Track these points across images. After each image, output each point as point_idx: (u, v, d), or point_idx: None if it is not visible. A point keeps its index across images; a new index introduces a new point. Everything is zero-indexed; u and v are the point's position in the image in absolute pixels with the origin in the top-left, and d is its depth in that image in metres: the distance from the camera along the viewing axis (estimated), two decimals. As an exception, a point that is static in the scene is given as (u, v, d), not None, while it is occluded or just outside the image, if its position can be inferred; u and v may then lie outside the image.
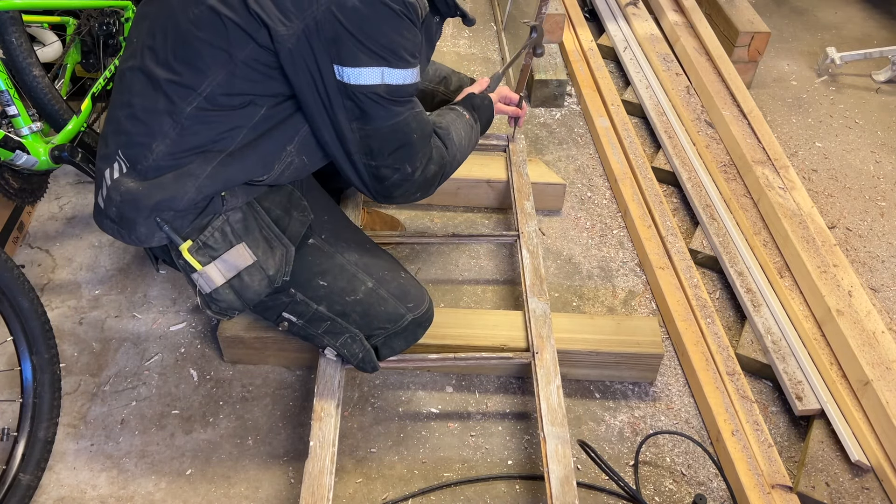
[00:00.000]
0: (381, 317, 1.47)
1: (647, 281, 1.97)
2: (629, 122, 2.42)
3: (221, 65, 1.22)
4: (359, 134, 1.30)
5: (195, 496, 1.47)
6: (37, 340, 1.41)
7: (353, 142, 1.31)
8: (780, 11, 3.32)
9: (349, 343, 1.48)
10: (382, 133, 1.30)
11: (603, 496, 1.50)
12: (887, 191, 2.33)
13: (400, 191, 1.39)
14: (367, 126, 1.29)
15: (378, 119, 1.29)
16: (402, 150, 1.33)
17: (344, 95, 1.25)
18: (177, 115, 1.25)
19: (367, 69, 1.22)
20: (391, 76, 1.24)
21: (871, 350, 1.61)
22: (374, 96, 1.25)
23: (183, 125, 1.25)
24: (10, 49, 1.68)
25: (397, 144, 1.32)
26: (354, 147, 1.32)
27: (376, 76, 1.23)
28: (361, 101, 1.25)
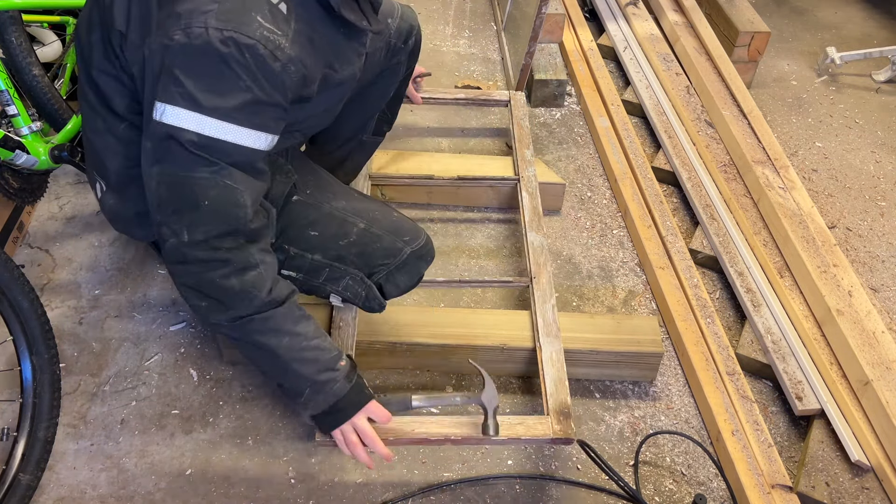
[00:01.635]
0: (379, 253, 1.45)
1: (647, 281, 1.97)
2: (629, 122, 2.41)
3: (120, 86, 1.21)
4: (151, 176, 1.16)
5: (195, 496, 1.47)
6: (37, 340, 1.41)
7: (148, 186, 1.18)
8: (780, 11, 3.32)
9: (351, 285, 1.46)
10: (169, 180, 1.15)
11: (603, 496, 1.50)
12: (887, 191, 2.32)
13: (176, 267, 1.21)
14: (156, 167, 1.15)
15: (169, 163, 1.14)
16: (185, 212, 1.15)
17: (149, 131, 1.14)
18: (115, 131, 1.26)
19: (177, 108, 1.09)
20: (206, 125, 1.10)
21: (871, 350, 1.61)
22: (175, 139, 1.11)
23: (123, 142, 1.27)
24: (9, 48, 1.68)
25: (180, 201, 1.15)
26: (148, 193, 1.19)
27: (187, 119, 1.09)
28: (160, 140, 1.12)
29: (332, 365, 1.29)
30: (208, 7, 1.06)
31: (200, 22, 1.05)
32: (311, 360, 1.27)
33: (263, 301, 1.21)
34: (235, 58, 1.06)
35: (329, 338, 1.33)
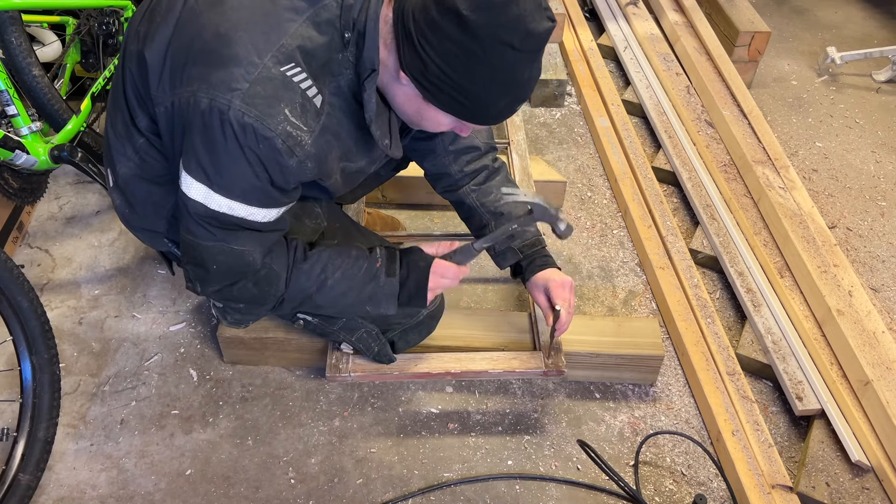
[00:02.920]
0: (397, 313, 1.45)
1: (648, 281, 1.97)
2: (629, 122, 2.41)
3: (143, 105, 1.21)
4: (179, 219, 1.22)
5: (195, 496, 1.47)
6: (36, 340, 1.41)
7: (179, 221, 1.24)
8: (780, 11, 3.31)
9: (365, 338, 1.49)
10: (186, 238, 1.20)
11: (603, 496, 1.50)
12: (887, 190, 2.32)
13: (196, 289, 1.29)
14: (182, 216, 1.19)
15: (187, 222, 1.17)
16: (199, 269, 1.23)
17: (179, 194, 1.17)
18: (132, 140, 1.25)
19: (190, 178, 1.12)
20: (214, 201, 1.12)
21: (871, 350, 1.61)
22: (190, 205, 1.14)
23: (138, 152, 1.26)
24: (9, 49, 1.68)
25: (195, 259, 1.21)
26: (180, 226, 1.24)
27: (197, 191, 1.12)
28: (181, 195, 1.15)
29: (369, 277, 1.33)
30: (239, 85, 1.04)
31: (226, 98, 1.04)
32: (347, 290, 1.32)
33: (282, 288, 1.28)
34: (251, 146, 1.06)
35: (353, 249, 1.35)
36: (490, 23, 1.01)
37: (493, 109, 1.13)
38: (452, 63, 1.05)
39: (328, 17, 1.11)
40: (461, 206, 1.61)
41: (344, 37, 1.12)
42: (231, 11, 1.09)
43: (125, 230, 2.01)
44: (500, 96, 1.11)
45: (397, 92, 1.17)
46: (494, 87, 1.08)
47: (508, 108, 1.14)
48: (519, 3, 1.03)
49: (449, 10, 1.02)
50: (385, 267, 1.34)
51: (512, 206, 1.52)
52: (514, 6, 1.02)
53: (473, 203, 1.58)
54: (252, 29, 1.07)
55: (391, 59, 1.13)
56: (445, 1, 1.02)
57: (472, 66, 1.05)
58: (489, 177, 1.58)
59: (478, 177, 1.57)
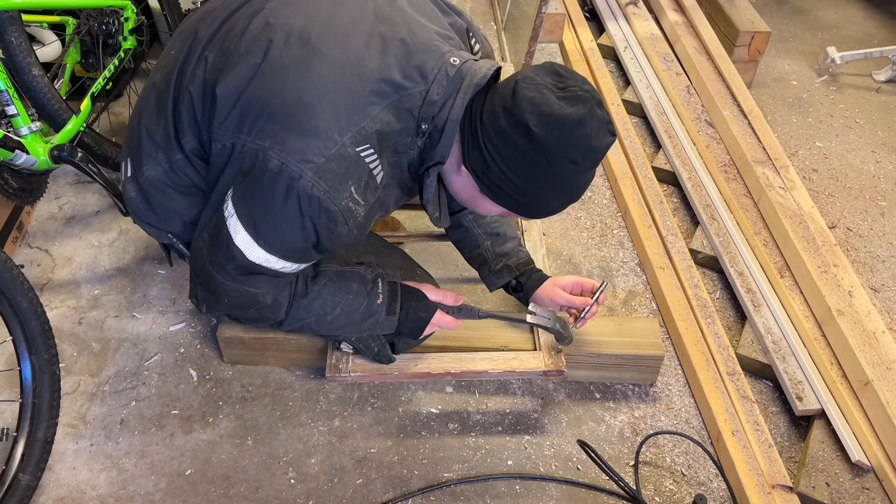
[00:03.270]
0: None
1: (648, 281, 1.97)
2: (629, 122, 2.41)
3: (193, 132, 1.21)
4: (201, 242, 1.23)
5: (195, 496, 1.47)
6: (36, 340, 1.41)
7: (194, 243, 1.26)
8: (780, 11, 3.31)
9: (365, 338, 1.50)
10: (204, 267, 1.22)
11: (603, 496, 1.50)
12: (888, 190, 2.32)
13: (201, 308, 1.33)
14: (208, 249, 1.21)
15: (214, 257, 1.20)
16: (211, 295, 1.26)
17: (215, 212, 1.19)
18: (169, 153, 1.25)
19: (239, 223, 1.14)
20: (254, 252, 1.16)
21: (871, 350, 1.61)
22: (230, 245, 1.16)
23: (172, 164, 1.26)
24: (9, 48, 1.68)
25: (210, 288, 1.25)
26: (193, 247, 1.27)
27: (241, 237, 1.15)
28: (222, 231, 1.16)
29: (368, 313, 1.37)
30: (315, 158, 1.06)
31: (299, 168, 1.06)
32: (346, 324, 1.37)
33: (283, 315, 1.31)
34: (312, 216, 1.09)
35: (354, 282, 1.37)
36: (558, 140, 1.07)
37: (547, 210, 1.20)
38: (516, 169, 1.11)
39: (410, 106, 1.13)
40: (456, 228, 1.64)
41: (420, 127, 1.15)
42: (318, 80, 1.10)
43: (125, 230, 2.01)
44: (556, 200, 1.18)
45: (455, 180, 1.22)
46: (553, 193, 1.16)
47: (560, 208, 1.21)
48: (587, 124, 1.07)
49: (519, 124, 1.07)
50: (386, 305, 1.38)
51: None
52: (582, 127, 1.07)
53: (470, 224, 1.61)
54: (337, 104, 1.08)
55: (455, 150, 1.18)
56: (516, 113, 1.07)
57: (535, 174, 1.11)
58: None
59: None
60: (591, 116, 1.08)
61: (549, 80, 1.09)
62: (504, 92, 1.11)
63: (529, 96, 1.07)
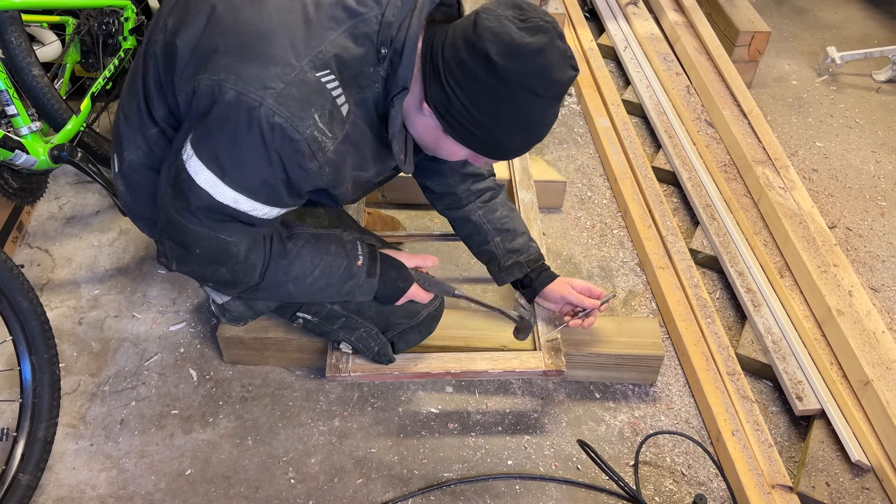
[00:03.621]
0: (398, 313, 1.48)
1: (648, 281, 1.97)
2: (629, 122, 2.41)
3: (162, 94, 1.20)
4: (165, 195, 1.20)
5: (195, 496, 1.47)
6: (36, 340, 1.41)
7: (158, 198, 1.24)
8: (780, 11, 3.31)
9: (364, 338, 1.50)
10: (172, 217, 1.19)
11: (603, 496, 1.50)
12: (887, 190, 2.32)
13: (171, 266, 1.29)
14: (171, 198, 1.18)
15: (174, 200, 1.17)
16: (180, 248, 1.21)
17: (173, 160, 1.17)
18: (145, 130, 1.25)
19: (202, 165, 1.11)
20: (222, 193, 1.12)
21: (871, 350, 1.61)
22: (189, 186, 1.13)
23: (149, 141, 1.26)
24: (9, 48, 1.68)
25: (178, 240, 1.21)
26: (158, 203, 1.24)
27: (206, 180, 1.11)
28: (179, 176, 1.14)
29: (348, 275, 1.35)
30: (274, 84, 1.04)
31: (258, 95, 1.03)
32: (325, 286, 1.34)
33: (257, 279, 1.27)
34: (276, 147, 1.06)
35: (332, 243, 1.35)
36: (519, 70, 1.06)
37: (510, 148, 1.19)
38: (477, 103, 1.10)
39: (367, 30, 1.12)
40: (465, 223, 1.63)
41: (380, 52, 1.13)
42: (274, 12, 1.09)
43: (125, 230, 2.01)
44: (518, 137, 1.16)
45: (417, 120, 1.20)
46: (515, 129, 1.14)
47: (524, 147, 1.20)
48: (547, 54, 1.07)
49: (479, 54, 1.06)
50: (366, 267, 1.37)
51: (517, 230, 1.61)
52: (542, 56, 1.06)
53: (480, 220, 1.61)
54: (293, 32, 1.07)
55: (417, 89, 1.16)
56: (477, 43, 1.06)
57: (496, 107, 1.10)
58: (493, 196, 1.63)
59: (483, 195, 1.61)
60: (552, 46, 1.07)
61: (510, 13, 1.09)
62: (465, 25, 1.10)
63: (490, 26, 1.06)
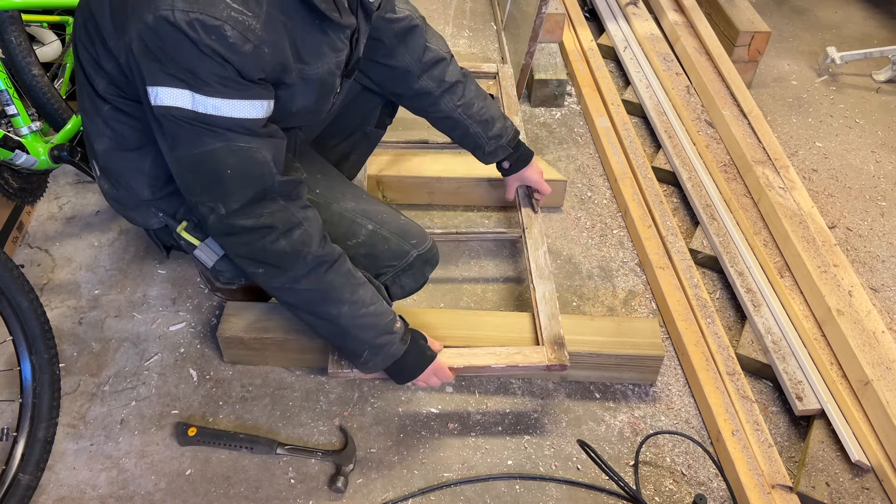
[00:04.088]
0: (386, 255, 1.48)
1: (647, 281, 1.97)
2: (629, 122, 2.41)
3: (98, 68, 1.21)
4: (172, 162, 1.20)
5: (195, 496, 1.47)
6: (36, 340, 1.41)
7: (173, 172, 1.23)
8: (780, 11, 3.32)
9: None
10: (187, 161, 1.18)
11: (603, 496, 1.50)
12: (887, 190, 2.32)
13: (225, 240, 1.27)
14: (173, 152, 1.18)
15: (182, 145, 1.16)
16: (213, 186, 1.19)
17: (153, 117, 1.16)
18: (100, 111, 1.27)
19: (169, 89, 1.10)
20: (200, 103, 1.11)
21: (871, 350, 1.61)
22: (177, 119, 1.12)
23: (109, 125, 1.27)
24: (9, 48, 1.68)
25: (205, 178, 1.19)
26: (176, 178, 1.23)
27: (181, 98, 1.11)
28: (164, 123, 1.14)
29: (389, 328, 1.39)
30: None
31: (168, 4, 1.05)
32: (370, 326, 1.36)
33: (315, 256, 1.27)
34: (203, 41, 1.06)
35: (383, 300, 1.40)
36: None
37: None
38: None
39: None
40: (446, 120, 1.72)
41: None
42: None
43: (125, 230, 2.01)
44: None
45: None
46: None
47: None
48: None
49: None
50: (401, 332, 1.41)
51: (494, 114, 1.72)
52: None
53: (460, 116, 1.71)
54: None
55: None
56: None
57: None
58: (465, 88, 1.70)
59: (457, 90, 1.68)
60: None
61: None
62: None
63: None
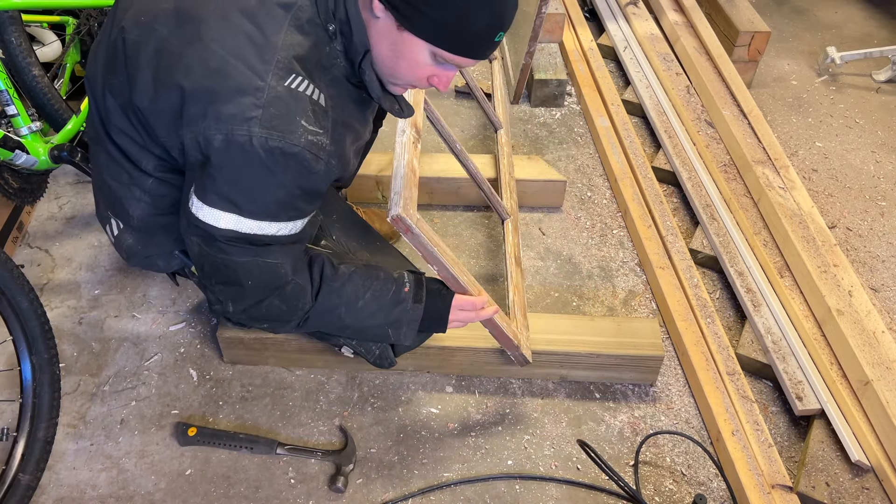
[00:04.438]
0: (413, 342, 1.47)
1: (647, 281, 1.97)
2: (629, 122, 2.41)
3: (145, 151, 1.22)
4: (194, 252, 1.22)
5: (195, 496, 1.47)
6: (36, 340, 1.41)
7: (191, 254, 1.24)
8: (780, 11, 3.31)
9: (366, 342, 1.50)
10: (210, 261, 1.20)
11: (603, 496, 1.50)
12: (887, 190, 2.32)
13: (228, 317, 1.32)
14: (198, 247, 1.20)
15: (210, 249, 1.18)
16: (229, 287, 1.23)
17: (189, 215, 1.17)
18: (141, 183, 1.26)
19: (214, 210, 1.12)
20: (245, 225, 1.14)
21: (871, 350, 1.61)
22: (220, 233, 1.15)
23: (149, 193, 1.27)
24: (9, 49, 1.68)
25: (226, 279, 1.22)
26: (193, 260, 1.25)
27: (225, 220, 1.13)
28: (203, 227, 1.15)
29: (396, 300, 1.35)
30: (252, 113, 1.04)
31: (244, 130, 1.04)
32: (375, 311, 1.34)
33: (310, 302, 1.29)
34: (280, 167, 1.07)
35: (381, 271, 1.37)
36: None
37: (471, 31, 1.07)
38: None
39: (307, 16, 1.11)
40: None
41: (328, 30, 1.13)
42: (214, 44, 1.08)
43: (125, 230, 2.01)
44: (478, 13, 1.05)
45: (373, 33, 1.13)
46: (475, 4, 1.04)
47: (488, 30, 1.08)
48: None
49: None
50: (413, 293, 1.37)
51: None
52: None
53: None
54: (244, 54, 1.07)
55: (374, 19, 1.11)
56: None
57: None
58: None
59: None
60: None
61: None
62: None
63: None
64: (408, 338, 1.40)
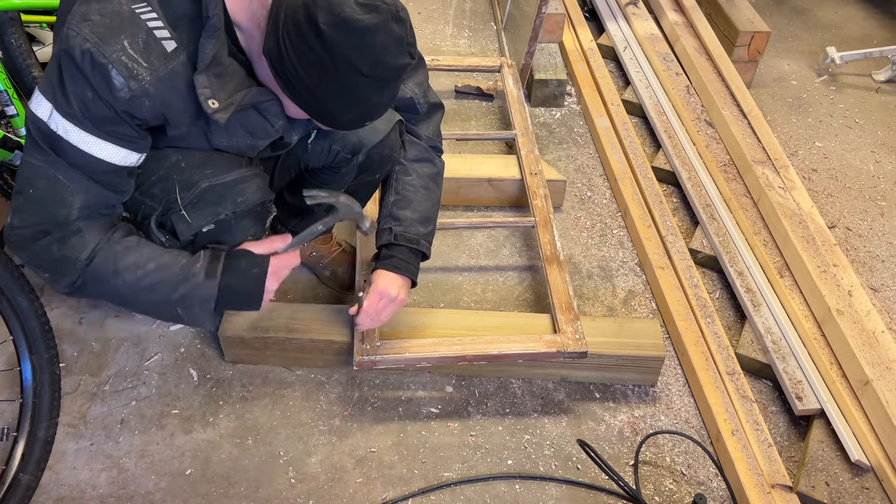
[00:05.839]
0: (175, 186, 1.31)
1: (647, 281, 1.97)
2: (629, 122, 2.41)
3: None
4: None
5: (195, 496, 1.47)
6: (36, 340, 1.41)
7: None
8: (780, 11, 3.32)
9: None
10: (21, 163, 1.18)
11: (603, 496, 1.50)
12: (887, 190, 2.32)
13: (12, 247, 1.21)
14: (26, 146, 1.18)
15: (27, 145, 1.16)
16: (18, 196, 1.17)
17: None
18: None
19: (38, 94, 1.13)
20: (54, 120, 1.12)
21: (871, 350, 1.61)
22: (32, 125, 1.13)
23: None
24: (9, 49, 1.68)
25: (18, 186, 1.17)
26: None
27: (44, 109, 1.12)
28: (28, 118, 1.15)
29: (183, 276, 1.24)
30: (92, 17, 1.08)
31: (77, 28, 1.08)
32: (156, 284, 1.22)
33: (83, 261, 1.19)
34: (86, 71, 1.08)
35: (175, 252, 1.26)
36: (343, 43, 1.07)
37: (338, 120, 1.18)
38: (305, 66, 1.10)
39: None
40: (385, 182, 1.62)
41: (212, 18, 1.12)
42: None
43: (125, 230, 2.01)
44: (345, 111, 1.15)
45: (261, 70, 1.19)
46: (340, 102, 1.13)
47: (355, 122, 1.19)
48: (377, 34, 1.07)
49: (311, 18, 1.06)
50: (205, 268, 1.25)
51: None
52: (371, 35, 1.07)
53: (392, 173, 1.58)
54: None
55: (258, 38, 1.15)
56: (311, 8, 1.07)
57: (321, 76, 1.10)
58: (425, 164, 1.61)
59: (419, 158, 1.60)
60: (385, 28, 1.08)
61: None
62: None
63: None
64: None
